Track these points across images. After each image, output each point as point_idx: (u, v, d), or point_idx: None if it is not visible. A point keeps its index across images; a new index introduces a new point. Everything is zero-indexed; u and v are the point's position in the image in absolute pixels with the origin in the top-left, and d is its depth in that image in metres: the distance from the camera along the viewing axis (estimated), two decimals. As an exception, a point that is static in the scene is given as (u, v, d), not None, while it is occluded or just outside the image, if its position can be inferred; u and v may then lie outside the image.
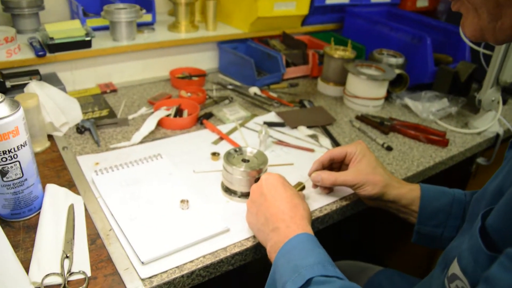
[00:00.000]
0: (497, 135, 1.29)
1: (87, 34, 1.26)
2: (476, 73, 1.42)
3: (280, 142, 1.13)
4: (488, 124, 1.28)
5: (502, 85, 1.23)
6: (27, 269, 0.69)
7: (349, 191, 0.95)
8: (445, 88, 1.42)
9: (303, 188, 0.91)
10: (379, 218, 1.71)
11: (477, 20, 0.57)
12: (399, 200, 0.88)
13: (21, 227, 0.78)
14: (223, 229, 0.80)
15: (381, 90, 1.35)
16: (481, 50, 1.38)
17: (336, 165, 0.95)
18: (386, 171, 0.89)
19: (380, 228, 1.79)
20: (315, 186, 0.94)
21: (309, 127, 1.21)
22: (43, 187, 0.85)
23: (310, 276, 0.60)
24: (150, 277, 0.70)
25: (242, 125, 1.20)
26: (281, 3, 1.51)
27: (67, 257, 0.72)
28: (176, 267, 0.72)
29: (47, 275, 0.68)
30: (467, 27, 0.59)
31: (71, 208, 0.82)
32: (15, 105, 0.73)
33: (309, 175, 0.92)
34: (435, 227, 0.87)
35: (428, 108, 1.34)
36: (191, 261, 0.74)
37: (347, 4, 1.73)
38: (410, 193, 0.88)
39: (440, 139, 1.19)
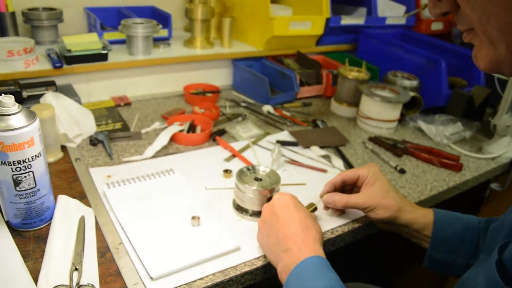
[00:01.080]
0: (512, 161, 1.28)
1: (103, 47, 1.27)
2: (491, 97, 1.41)
3: (292, 162, 1.12)
4: (503, 149, 1.27)
5: (517, 111, 1.22)
6: (36, 280, 0.68)
7: (361, 213, 0.94)
8: (459, 112, 1.41)
9: (315, 209, 0.90)
10: (391, 240, 1.69)
11: (493, 52, 0.54)
12: (411, 225, 0.86)
13: (32, 237, 0.78)
14: (234, 247, 0.79)
15: (395, 112, 1.35)
16: (496, 75, 1.38)
17: (348, 187, 0.94)
18: (399, 195, 0.88)
19: (391, 250, 1.77)
20: (327, 208, 0.93)
21: (322, 147, 1.20)
22: (55, 198, 0.85)
23: None
24: (159, 294, 0.69)
25: (254, 143, 1.20)
26: (296, 22, 1.52)
27: (76, 269, 0.71)
28: (185, 284, 0.71)
29: (55, 287, 0.67)
30: (481, 60, 0.57)
31: (82, 220, 0.82)
32: (32, 115, 0.74)
33: (321, 197, 0.91)
34: (448, 253, 0.86)
35: (441, 131, 1.33)
36: (201, 279, 0.73)
37: (362, 26, 1.74)
38: (423, 217, 0.87)
39: (454, 164, 1.18)
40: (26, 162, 0.73)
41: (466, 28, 0.57)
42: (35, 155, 0.75)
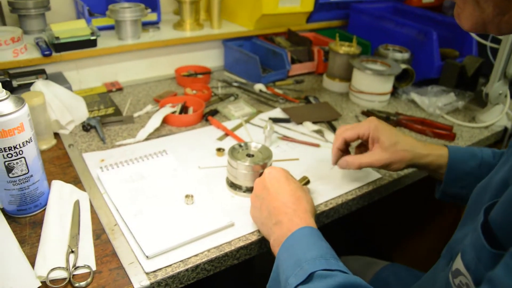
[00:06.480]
0: (505, 129, 1.28)
1: (92, 33, 1.27)
2: (483, 67, 1.41)
3: (285, 138, 1.12)
4: (496, 117, 1.27)
5: (509, 78, 1.22)
6: (33, 264, 0.69)
7: (354, 185, 0.95)
8: (451, 83, 1.41)
9: (308, 182, 0.90)
10: (386, 213, 1.70)
11: (478, 13, 0.54)
12: (427, 167, 0.89)
13: (27, 223, 0.79)
14: (228, 223, 0.80)
15: (387, 85, 1.34)
16: (488, 44, 1.37)
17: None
18: (409, 140, 0.89)
19: (387, 223, 1.78)
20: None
21: (314, 122, 1.20)
22: (49, 184, 0.85)
23: (312, 270, 0.59)
24: (154, 271, 0.70)
25: (247, 121, 1.20)
26: (286, 0, 1.51)
27: (72, 251, 0.72)
28: (181, 261, 0.72)
29: (52, 269, 0.68)
30: (466, 20, 0.56)
31: (77, 204, 0.83)
32: (20, 101, 0.74)
33: (334, 164, 0.93)
34: (461, 188, 0.88)
35: (434, 102, 1.33)
36: (196, 255, 0.74)
37: (352, 1, 1.73)
38: (438, 159, 0.88)
39: (447, 133, 1.18)
40: (17, 148, 0.74)
41: None
42: (26, 141, 0.75)
